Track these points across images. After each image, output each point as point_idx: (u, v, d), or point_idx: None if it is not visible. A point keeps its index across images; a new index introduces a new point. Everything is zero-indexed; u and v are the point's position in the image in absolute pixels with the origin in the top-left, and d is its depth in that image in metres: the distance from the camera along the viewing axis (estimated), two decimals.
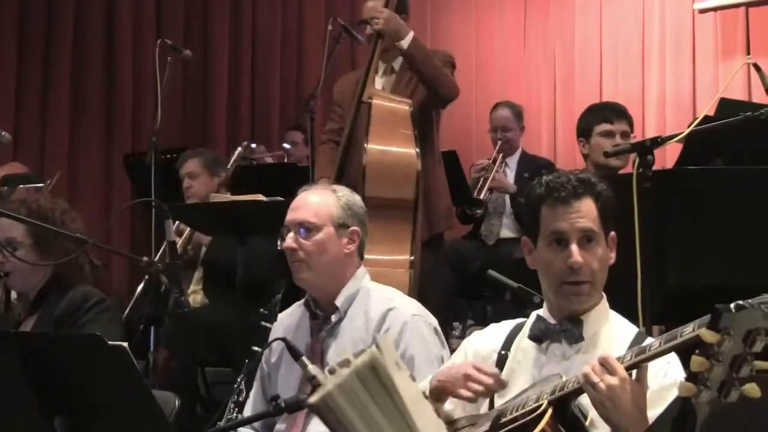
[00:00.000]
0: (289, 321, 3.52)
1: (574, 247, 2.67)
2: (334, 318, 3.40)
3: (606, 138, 5.06)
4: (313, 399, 2.35)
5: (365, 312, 3.37)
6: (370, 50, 5.20)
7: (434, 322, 3.44)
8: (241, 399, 3.37)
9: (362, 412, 2.31)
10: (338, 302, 3.40)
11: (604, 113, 5.21)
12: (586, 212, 2.69)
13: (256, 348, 3.37)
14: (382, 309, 3.36)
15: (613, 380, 2.32)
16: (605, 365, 2.34)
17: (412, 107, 5.08)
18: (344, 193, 3.50)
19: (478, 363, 2.69)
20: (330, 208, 3.41)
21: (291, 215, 3.43)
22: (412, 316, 3.34)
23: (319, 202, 3.43)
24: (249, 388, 3.46)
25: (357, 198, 3.54)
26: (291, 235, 3.39)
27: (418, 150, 4.97)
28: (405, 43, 5.13)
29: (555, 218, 2.70)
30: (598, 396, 2.33)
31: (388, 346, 2.31)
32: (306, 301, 3.49)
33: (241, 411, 3.35)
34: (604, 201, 2.73)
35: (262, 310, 3.41)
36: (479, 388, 2.61)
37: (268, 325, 3.37)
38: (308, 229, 3.37)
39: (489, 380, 2.61)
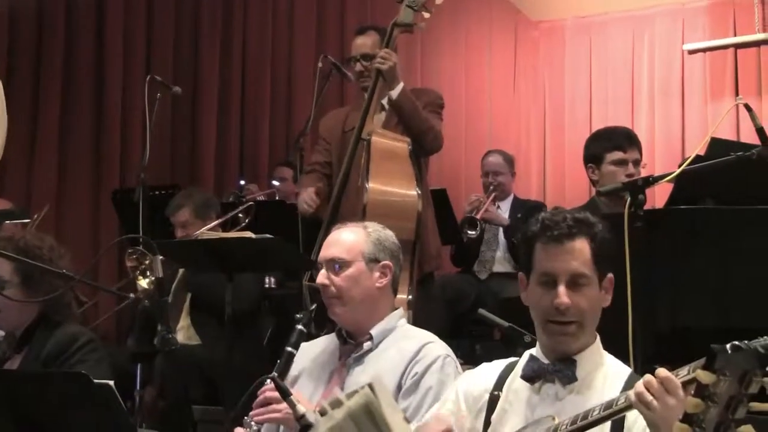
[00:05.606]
0: (313, 348, 3.54)
1: (561, 288, 2.65)
2: (366, 345, 3.41)
3: (619, 166, 4.81)
4: None
5: (398, 347, 3.38)
6: (370, 88, 5.15)
7: (460, 370, 3.40)
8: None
9: None
10: (374, 332, 3.42)
11: (616, 140, 4.93)
12: (578, 253, 2.67)
13: (289, 348, 3.34)
14: (419, 343, 3.36)
15: (672, 401, 2.23)
16: (665, 384, 2.25)
17: (410, 145, 5.05)
18: (375, 228, 3.53)
19: None
20: (360, 244, 3.45)
21: (323, 252, 3.50)
22: (446, 356, 3.34)
23: (349, 238, 3.47)
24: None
25: (389, 233, 3.55)
26: (323, 272, 3.44)
27: (419, 190, 4.95)
28: (395, 93, 5.14)
29: (546, 257, 2.69)
30: (653, 416, 2.25)
31: (383, 388, 2.27)
32: (338, 330, 3.51)
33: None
34: (600, 242, 2.70)
35: (298, 315, 3.40)
36: None
37: (303, 329, 3.35)
38: (339, 265, 3.41)
39: None
